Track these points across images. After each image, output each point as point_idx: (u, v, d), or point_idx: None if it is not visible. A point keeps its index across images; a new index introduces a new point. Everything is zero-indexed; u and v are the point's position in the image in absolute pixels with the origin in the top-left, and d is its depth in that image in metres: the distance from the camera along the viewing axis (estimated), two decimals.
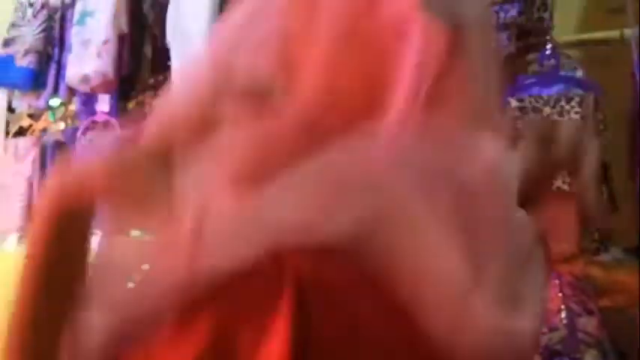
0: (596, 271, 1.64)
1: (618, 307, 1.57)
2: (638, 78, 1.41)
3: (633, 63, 1.42)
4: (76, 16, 2.07)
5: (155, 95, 2.09)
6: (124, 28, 1.98)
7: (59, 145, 2.21)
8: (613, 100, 1.50)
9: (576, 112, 1.30)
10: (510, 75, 1.52)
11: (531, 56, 1.53)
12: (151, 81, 2.08)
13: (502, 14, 1.39)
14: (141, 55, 2.03)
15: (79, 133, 2.05)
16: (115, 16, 1.97)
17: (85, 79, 1.96)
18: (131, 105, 2.13)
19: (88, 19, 2.03)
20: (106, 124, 2.04)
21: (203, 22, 1.78)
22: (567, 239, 1.28)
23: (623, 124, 1.51)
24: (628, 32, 1.48)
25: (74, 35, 2.04)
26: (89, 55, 1.95)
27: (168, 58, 1.90)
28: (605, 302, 1.59)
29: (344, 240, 0.39)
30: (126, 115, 2.10)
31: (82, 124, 2.06)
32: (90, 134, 2.05)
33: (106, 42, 1.94)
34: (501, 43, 1.43)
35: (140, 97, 2.11)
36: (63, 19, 2.20)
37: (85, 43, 1.99)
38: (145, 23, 2.03)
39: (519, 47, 1.49)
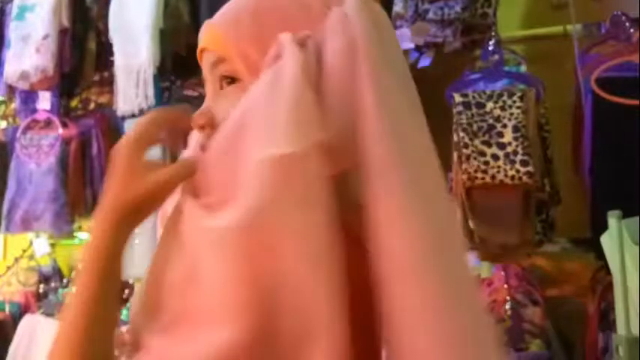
0: (542, 262, 1.69)
1: (565, 296, 1.61)
2: (580, 73, 1.44)
3: (575, 58, 1.45)
4: (15, 11, 1.98)
5: (100, 92, 2.03)
6: (66, 22, 1.91)
7: (1, 145, 2.13)
8: (556, 94, 1.53)
9: (518, 107, 1.32)
10: (456, 70, 1.53)
11: (478, 52, 1.55)
12: (96, 77, 2.01)
13: (446, 10, 1.40)
14: (84, 51, 1.96)
15: (18, 133, 1.97)
16: (56, 10, 1.89)
17: (25, 75, 1.88)
18: (74, 102, 2.06)
19: (28, 14, 1.95)
20: (47, 123, 1.96)
21: (147, 15, 1.73)
22: (511, 231, 1.31)
23: (566, 118, 1.55)
24: (570, 28, 1.51)
25: (13, 30, 1.96)
26: (28, 51, 1.88)
27: (113, 53, 1.84)
28: (552, 292, 1.63)
29: None
30: (69, 112, 2.03)
31: (22, 122, 1.98)
32: (30, 133, 1.97)
33: (45, 37, 1.87)
34: (447, 39, 1.44)
35: (84, 94, 2.05)
36: (2, 13, 2.11)
37: (25, 39, 1.91)
38: (88, 17, 1.96)
39: (465, 43, 1.51)
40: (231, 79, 0.55)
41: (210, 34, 0.57)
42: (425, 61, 1.49)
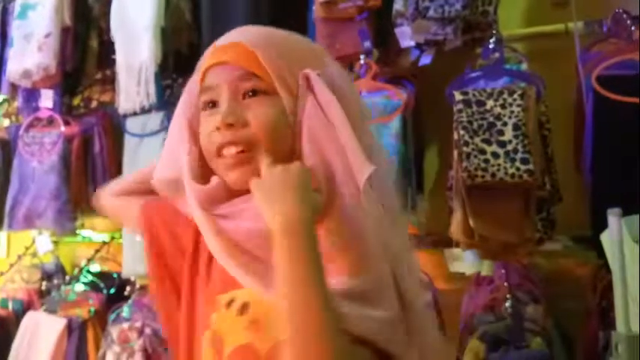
0: (543, 260, 1.69)
1: (565, 295, 1.61)
2: (581, 71, 1.44)
3: (577, 56, 1.45)
4: (18, 9, 1.99)
5: (102, 90, 2.03)
6: (68, 20, 1.91)
7: (3, 143, 2.14)
8: (557, 92, 1.53)
9: (518, 105, 1.32)
10: (457, 68, 1.53)
11: (478, 50, 1.55)
12: (98, 75, 2.02)
13: (447, 8, 1.40)
14: (86, 49, 1.96)
15: (21, 131, 1.97)
16: (58, 9, 1.90)
17: (27, 73, 1.88)
18: (77, 100, 2.06)
19: (30, 12, 1.95)
20: (50, 121, 1.97)
21: (148, 14, 1.73)
22: (512, 229, 1.30)
23: (567, 116, 1.55)
24: (572, 26, 1.50)
25: (15, 29, 1.97)
26: (31, 49, 1.88)
27: (115, 52, 1.84)
28: (552, 290, 1.63)
29: None
30: (71, 111, 2.03)
31: (25, 120, 1.99)
32: (33, 131, 1.98)
33: (48, 35, 1.87)
34: (447, 37, 1.44)
35: (86, 93, 2.05)
36: (5, 12, 2.12)
37: (27, 37, 1.92)
38: (90, 15, 1.97)
39: (466, 41, 1.50)
40: (253, 92, 0.70)
41: (243, 53, 0.70)
42: (426, 59, 1.49)
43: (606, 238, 1.10)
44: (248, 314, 0.65)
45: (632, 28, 1.43)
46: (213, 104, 0.71)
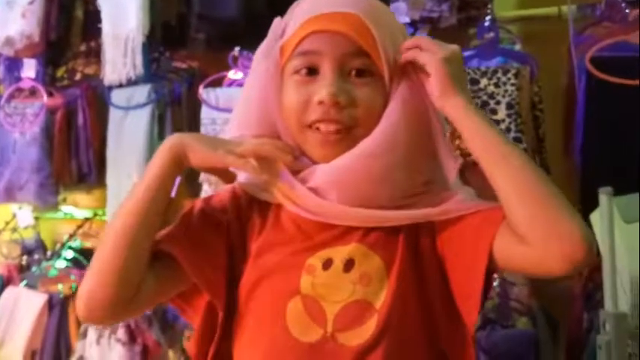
0: None
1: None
2: (573, 54, 1.44)
3: (570, 39, 1.45)
4: None
5: (87, 63, 1.98)
6: None
7: None
8: (550, 74, 1.53)
9: (512, 84, 1.31)
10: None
11: (472, 31, 1.54)
12: (83, 47, 1.97)
13: None
14: (71, 18, 1.91)
15: (2, 101, 1.92)
16: None
17: (9, 41, 1.83)
18: (60, 72, 2.01)
19: None
20: (32, 91, 1.91)
21: None
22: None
23: (559, 98, 1.55)
24: (565, 9, 1.50)
25: None
26: (13, 16, 1.82)
27: (100, 22, 1.79)
28: None
29: None
30: (54, 82, 1.98)
31: (7, 90, 1.93)
32: (15, 102, 1.92)
33: (31, 2, 1.82)
34: (443, 15, 1.43)
35: (70, 64, 2.00)
36: None
37: (10, 4, 1.86)
38: None
39: (460, 19, 1.49)
40: (361, 71, 0.67)
41: (358, 27, 0.66)
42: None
43: (596, 218, 1.11)
44: (355, 269, 0.65)
45: (627, 10, 1.43)
46: (308, 71, 0.67)
